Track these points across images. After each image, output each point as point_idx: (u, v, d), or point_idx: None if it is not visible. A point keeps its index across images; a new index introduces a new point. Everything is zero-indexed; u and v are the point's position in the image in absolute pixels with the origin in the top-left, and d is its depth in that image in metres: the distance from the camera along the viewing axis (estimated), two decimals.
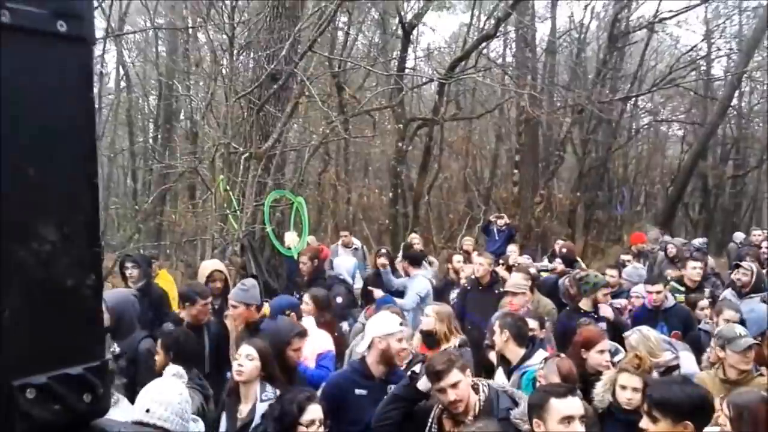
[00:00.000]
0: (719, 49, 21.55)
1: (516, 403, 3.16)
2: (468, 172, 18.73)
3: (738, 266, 6.81)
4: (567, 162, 19.01)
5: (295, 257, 8.05)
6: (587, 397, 3.63)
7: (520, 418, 3.03)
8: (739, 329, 3.84)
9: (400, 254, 8.43)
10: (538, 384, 3.56)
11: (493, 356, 4.66)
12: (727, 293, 6.61)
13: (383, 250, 8.12)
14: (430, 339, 4.63)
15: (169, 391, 2.76)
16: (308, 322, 4.67)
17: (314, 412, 2.95)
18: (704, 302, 6.16)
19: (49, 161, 0.66)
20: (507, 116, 19.43)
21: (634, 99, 18.96)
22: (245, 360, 3.44)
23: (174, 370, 3.18)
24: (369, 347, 3.72)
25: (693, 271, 6.85)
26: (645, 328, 4.33)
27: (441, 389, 3.04)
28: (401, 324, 3.82)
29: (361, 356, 3.85)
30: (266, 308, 4.80)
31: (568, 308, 5.99)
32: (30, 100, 0.66)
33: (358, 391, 3.67)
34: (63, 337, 0.68)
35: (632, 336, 4.23)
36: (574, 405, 2.66)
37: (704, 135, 18.65)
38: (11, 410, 0.65)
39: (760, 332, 4.16)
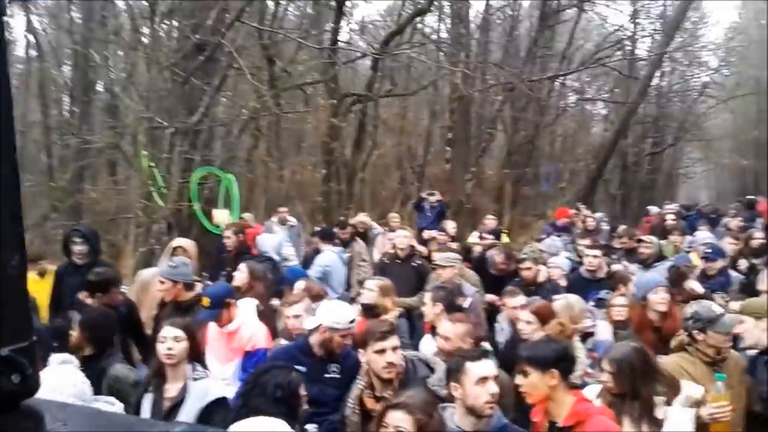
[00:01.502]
0: (644, 30, 22.42)
1: (432, 370, 3.29)
2: (401, 149, 18.83)
3: (640, 240, 7.19)
4: (497, 139, 19.40)
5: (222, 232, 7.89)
6: None
7: (438, 384, 3.16)
8: (717, 308, 3.64)
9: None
10: None
11: None
12: (633, 266, 6.94)
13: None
14: (371, 312, 4.68)
15: (59, 378, 2.82)
16: (248, 306, 4.48)
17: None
18: None
19: None
20: (440, 93, 19.63)
21: (561, 78, 19.47)
22: (173, 342, 3.32)
23: (60, 358, 3.21)
24: (315, 329, 3.71)
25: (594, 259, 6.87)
26: (572, 297, 4.54)
27: (381, 350, 3.12)
28: (352, 321, 3.75)
29: (307, 333, 3.83)
30: (205, 300, 4.60)
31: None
32: None
33: (297, 368, 3.57)
34: None
35: (559, 302, 4.44)
36: (487, 367, 2.84)
37: (626, 113, 19.39)
38: None
39: (642, 295, 4.43)
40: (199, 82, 8.45)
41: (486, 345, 4.17)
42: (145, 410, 3.33)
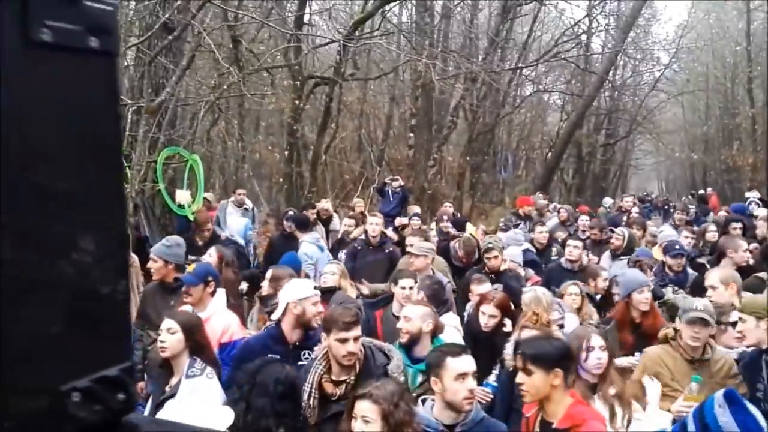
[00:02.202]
0: (599, 24, 22.92)
1: (389, 357, 3.30)
2: (363, 133, 18.83)
3: (612, 231, 7.53)
4: (457, 127, 19.60)
5: (190, 216, 7.83)
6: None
7: (397, 372, 3.21)
8: (698, 302, 3.84)
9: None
10: None
11: None
12: (605, 256, 7.25)
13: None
14: (330, 295, 4.68)
15: None
16: (218, 297, 4.43)
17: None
18: None
19: (85, 174, 0.68)
20: (402, 78, 19.66)
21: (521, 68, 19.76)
22: (167, 335, 3.30)
23: None
24: (284, 313, 3.71)
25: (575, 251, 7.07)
26: (540, 289, 4.65)
27: (344, 339, 3.08)
28: (316, 289, 3.86)
29: (276, 321, 3.82)
30: (191, 266, 4.61)
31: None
32: (66, 116, 0.67)
33: (271, 357, 3.59)
34: (101, 342, 0.71)
35: (527, 294, 4.55)
36: (467, 363, 2.84)
37: (582, 105, 19.87)
38: (60, 413, 0.68)
39: (627, 293, 4.59)
40: (165, 61, 8.33)
41: (457, 333, 4.31)
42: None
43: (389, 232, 8.00)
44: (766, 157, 21.51)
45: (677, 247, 6.16)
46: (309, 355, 3.60)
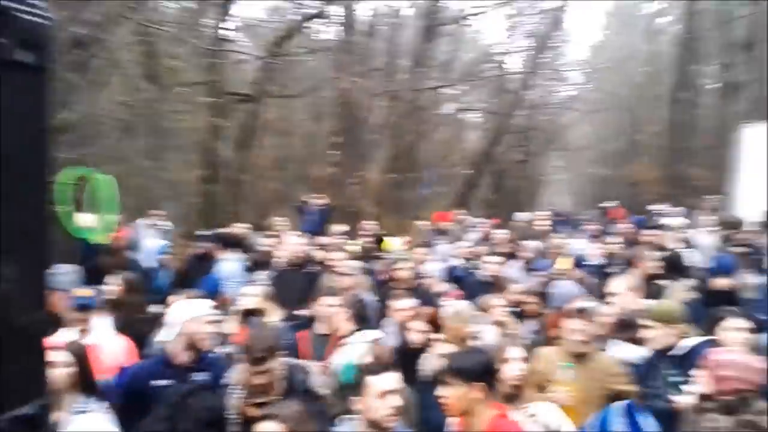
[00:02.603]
0: (516, 45, 23.81)
1: (307, 374, 3.29)
2: (284, 151, 18.65)
3: (522, 244, 7.86)
4: (380, 145, 19.76)
5: (96, 240, 7.42)
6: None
7: (321, 388, 3.24)
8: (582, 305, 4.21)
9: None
10: None
11: None
12: (516, 268, 7.48)
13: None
14: (251, 317, 4.59)
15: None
16: (102, 324, 4.27)
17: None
18: None
19: (10, 196, 0.63)
20: (324, 96, 19.64)
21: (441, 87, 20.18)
22: (56, 366, 3.03)
23: None
24: (173, 334, 3.60)
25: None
26: (460, 303, 4.79)
27: (261, 372, 3.02)
28: (209, 309, 3.77)
29: (164, 344, 3.70)
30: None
31: None
32: None
33: (160, 382, 3.48)
34: (20, 377, 0.66)
35: (446, 309, 4.68)
36: (389, 381, 2.84)
37: (499, 123, 20.49)
38: None
39: (561, 305, 4.81)
40: (74, 76, 7.96)
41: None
42: None
43: (313, 251, 7.92)
44: (668, 172, 22.95)
45: (587, 260, 6.49)
46: (203, 377, 3.52)
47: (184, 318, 3.58)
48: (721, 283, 4.91)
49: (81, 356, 3.18)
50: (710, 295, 4.83)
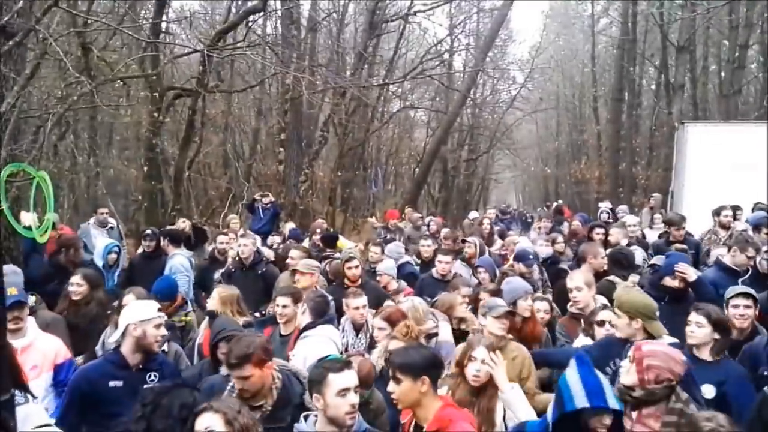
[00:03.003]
0: (461, 43, 24.06)
1: (302, 383, 3.30)
2: (229, 147, 18.27)
3: (464, 241, 7.92)
4: (328, 142, 19.63)
5: (37, 239, 7.09)
6: None
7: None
8: (500, 300, 4.38)
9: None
10: None
11: None
12: (457, 264, 7.47)
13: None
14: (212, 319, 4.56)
15: None
16: (31, 325, 4.15)
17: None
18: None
19: None
20: (268, 92, 19.33)
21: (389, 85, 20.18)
22: None
23: None
24: (123, 335, 3.61)
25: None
26: (417, 299, 4.78)
27: (241, 377, 3.09)
28: (159, 310, 3.75)
29: (115, 345, 3.69)
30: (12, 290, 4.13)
31: None
32: None
33: (112, 383, 3.53)
34: None
35: (405, 304, 4.66)
36: (349, 378, 2.87)
37: (446, 122, 20.60)
38: None
39: (513, 300, 4.73)
40: (5, 69, 7.49)
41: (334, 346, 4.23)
42: None
43: (265, 250, 7.79)
44: (610, 170, 23.62)
45: (530, 256, 6.57)
46: (154, 377, 3.60)
47: (133, 319, 3.60)
48: (669, 280, 4.96)
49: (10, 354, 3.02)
50: (659, 292, 4.89)
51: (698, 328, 3.77)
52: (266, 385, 3.17)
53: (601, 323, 4.25)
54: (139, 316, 3.61)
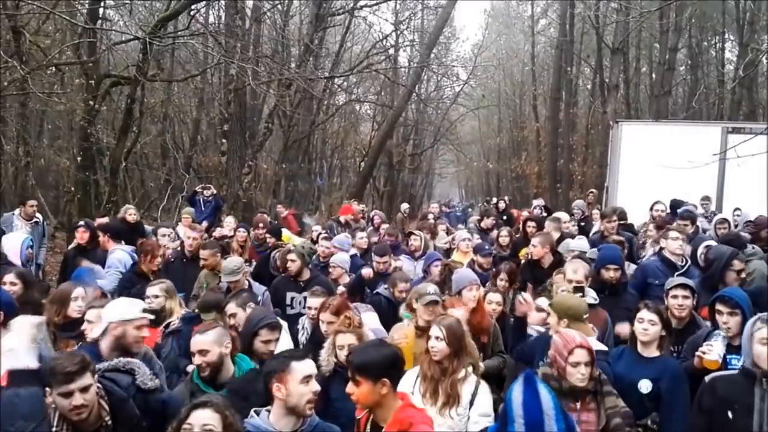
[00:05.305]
0: (406, 39, 24.16)
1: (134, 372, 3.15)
2: (168, 138, 17.79)
3: (411, 234, 7.99)
4: (272, 134, 19.38)
5: None
6: None
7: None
8: (431, 288, 4.54)
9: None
10: None
11: None
12: (402, 257, 7.55)
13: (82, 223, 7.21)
14: (157, 316, 4.41)
15: None
16: None
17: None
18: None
19: None
20: (210, 81, 18.91)
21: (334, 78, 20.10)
22: None
23: None
24: (104, 333, 3.47)
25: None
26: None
27: (68, 392, 2.64)
28: (144, 310, 3.61)
29: (93, 341, 3.55)
30: None
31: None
32: None
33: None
34: None
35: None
36: (311, 366, 2.88)
37: (392, 116, 20.65)
38: None
39: (458, 290, 4.92)
40: None
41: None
42: None
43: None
44: (549, 166, 24.27)
45: (486, 247, 6.69)
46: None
47: (115, 318, 3.47)
48: (608, 273, 5.14)
49: None
50: (600, 285, 5.07)
51: (652, 326, 3.86)
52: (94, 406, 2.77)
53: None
54: (120, 315, 3.48)
